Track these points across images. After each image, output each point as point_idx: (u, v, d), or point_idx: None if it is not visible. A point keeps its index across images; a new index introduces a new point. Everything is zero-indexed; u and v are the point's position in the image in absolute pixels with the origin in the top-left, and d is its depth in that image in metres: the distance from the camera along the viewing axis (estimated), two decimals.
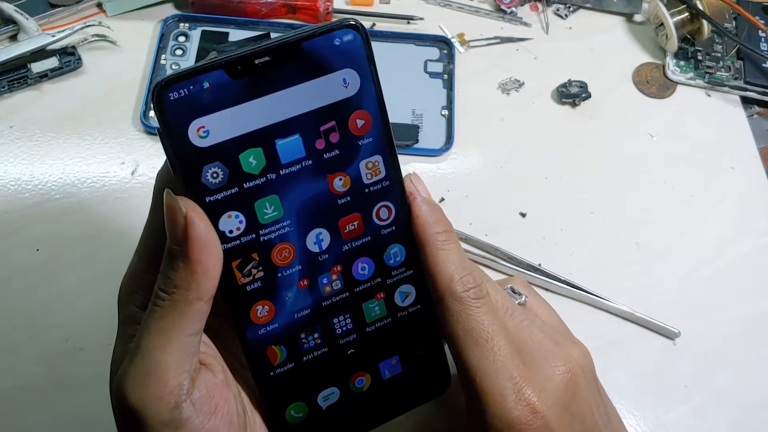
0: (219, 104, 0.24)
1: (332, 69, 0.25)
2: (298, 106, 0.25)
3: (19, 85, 0.54)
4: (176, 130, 0.23)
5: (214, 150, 0.24)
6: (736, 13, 0.61)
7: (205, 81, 0.23)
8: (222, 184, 0.24)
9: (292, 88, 0.24)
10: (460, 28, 0.61)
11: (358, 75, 0.25)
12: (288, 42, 0.24)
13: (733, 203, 0.54)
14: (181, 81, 0.23)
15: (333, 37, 0.24)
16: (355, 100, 0.25)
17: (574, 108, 0.58)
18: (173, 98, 0.23)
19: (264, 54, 0.24)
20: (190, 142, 0.24)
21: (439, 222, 0.27)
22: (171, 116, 0.23)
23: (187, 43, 0.57)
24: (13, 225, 0.49)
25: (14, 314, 0.46)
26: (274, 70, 0.24)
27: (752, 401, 0.47)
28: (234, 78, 0.24)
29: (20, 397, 0.43)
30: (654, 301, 0.49)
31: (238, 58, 0.24)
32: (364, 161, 0.26)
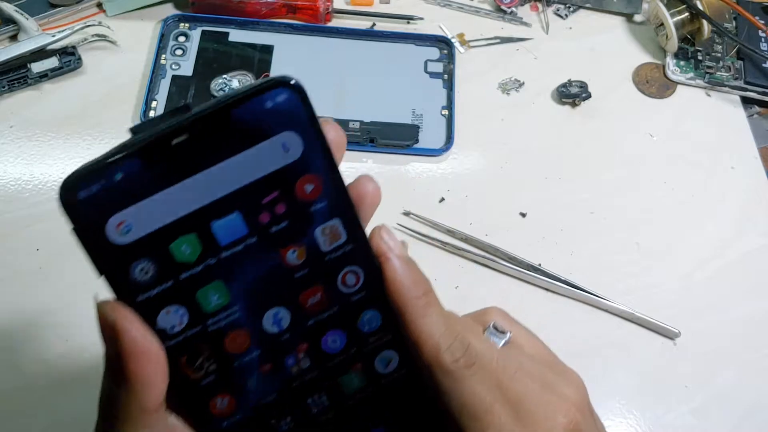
0: (138, 195, 0.21)
1: (268, 135, 0.22)
2: (233, 180, 0.22)
3: (19, 85, 0.54)
4: (92, 231, 0.21)
5: (140, 245, 0.21)
6: (736, 13, 0.60)
7: (118, 173, 0.21)
8: (154, 279, 0.22)
9: (222, 163, 0.22)
10: (460, 28, 0.61)
11: (300, 137, 0.22)
12: (207, 114, 0.21)
13: (733, 203, 0.54)
14: (90, 177, 0.21)
15: (263, 100, 0.22)
16: (299, 164, 0.22)
17: (574, 108, 0.58)
18: (83, 197, 0.21)
19: (181, 131, 0.21)
20: (110, 242, 0.21)
21: (417, 283, 0.24)
22: (84, 217, 0.21)
23: (187, 43, 0.57)
24: (13, 225, 0.49)
25: (14, 314, 0.46)
26: (197, 146, 0.21)
27: (752, 401, 0.47)
28: (150, 164, 0.21)
29: (20, 397, 0.43)
30: (654, 301, 0.49)
31: (149, 143, 0.21)
32: (320, 228, 0.23)
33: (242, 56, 0.57)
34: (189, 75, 0.55)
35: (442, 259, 0.50)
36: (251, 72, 0.55)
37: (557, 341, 0.48)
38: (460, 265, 0.50)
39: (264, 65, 0.56)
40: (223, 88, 0.54)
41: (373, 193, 0.25)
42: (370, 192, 0.25)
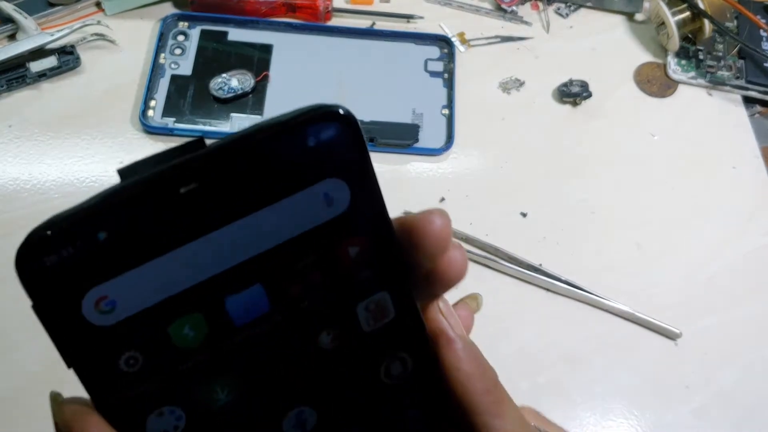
0: (128, 261, 0.15)
1: (306, 183, 0.16)
2: (255, 242, 0.16)
3: (18, 84, 0.54)
4: (62, 309, 0.15)
5: (127, 327, 0.16)
6: (738, 12, 0.60)
7: (101, 231, 0.15)
8: (144, 372, 0.16)
9: (242, 220, 0.16)
10: (461, 27, 0.61)
11: (347, 186, 0.17)
12: (228, 153, 0.16)
13: (734, 203, 0.54)
14: (61, 236, 0.15)
15: (303, 135, 0.16)
16: (344, 221, 0.17)
17: (575, 107, 0.58)
18: (51, 264, 0.15)
19: (191, 176, 0.15)
20: (87, 323, 0.16)
21: (486, 373, 0.19)
22: (50, 291, 0.15)
23: (187, 42, 0.57)
24: (12, 225, 0.49)
25: (13, 315, 0.46)
26: (211, 196, 0.16)
27: (754, 401, 0.47)
28: (147, 219, 0.15)
29: (19, 397, 0.43)
30: (655, 302, 0.49)
31: (147, 190, 0.15)
32: (363, 304, 0.18)
33: (241, 55, 0.56)
34: (188, 74, 0.55)
35: None
36: (250, 71, 0.55)
37: (558, 342, 0.48)
38: None
39: (263, 64, 0.56)
40: (223, 87, 0.54)
41: (439, 235, 0.18)
42: (436, 231, 0.18)
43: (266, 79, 0.55)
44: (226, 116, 0.54)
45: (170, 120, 0.53)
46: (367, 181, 0.17)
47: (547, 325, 0.48)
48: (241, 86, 0.54)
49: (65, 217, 0.15)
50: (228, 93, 0.54)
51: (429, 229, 0.18)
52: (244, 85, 0.54)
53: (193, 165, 0.15)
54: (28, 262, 0.15)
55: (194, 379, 0.17)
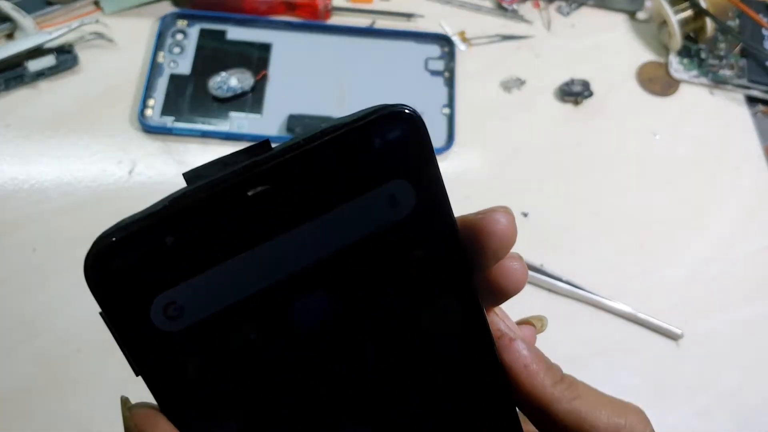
0: (195, 266, 0.15)
1: (372, 185, 0.16)
2: (320, 247, 0.16)
3: (16, 83, 0.53)
4: (130, 315, 0.16)
5: (193, 332, 0.16)
6: (740, 11, 0.60)
7: (169, 235, 0.15)
8: (208, 379, 0.16)
9: (309, 222, 0.16)
10: (461, 26, 0.60)
11: (413, 188, 0.17)
12: (296, 155, 0.16)
13: (737, 202, 0.54)
14: (130, 242, 0.15)
15: (372, 136, 0.16)
16: (409, 224, 0.17)
17: (577, 106, 0.57)
18: (121, 269, 0.15)
19: (258, 180, 0.15)
20: (155, 328, 0.16)
21: (551, 367, 0.20)
22: (119, 297, 0.15)
23: (186, 41, 0.56)
24: (10, 225, 0.49)
25: (11, 315, 0.46)
26: (278, 200, 0.16)
27: (756, 402, 0.46)
28: (216, 223, 0.15)
29: (18, 398, 0.43)
30: (657, 302, 0.49)
31: (216, 194, 0.15)
32: (428, 314, 0.18)
33: (240, 54, 0.56)
34: (187, 73, 0.55)
35: None
36: (250, 70, 0.55)
37: (560, 342, 0.48)
38: None
39: (262, 63, 0.56)
40: (222, 86, 0.54)
41: (503, 235, 0.18)
42: (500, 232, 0.18)
43: (265, 78, 0.55)
44: (225, 115, 0.53)
45: (169, 119, 0.53)
46: (433, 183, 0.17)
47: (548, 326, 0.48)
48: (240, 85, 0.54)
49: (132, 223, 0.15)
50: (227, 92, 0.54)
51: (494, 229, 0.18)
52: (243, 84, 0.54)
53: (261, 167, 0.15)
54: (96, 269, 0.15)
55: (257, 385, 0.17)
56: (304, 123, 0.53)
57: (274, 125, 0.53)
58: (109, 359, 0.26)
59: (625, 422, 0.19)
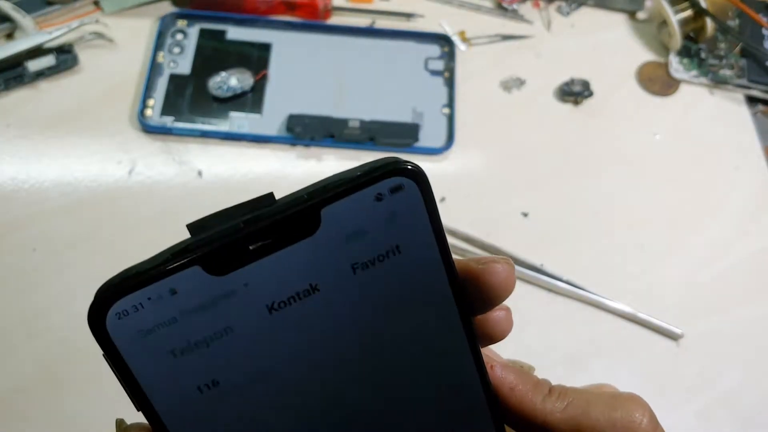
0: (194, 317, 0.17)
1: (374, 240, 0.17)
2: (326, 306, 0.17)
3: (16, 83, 0.53)
4: (126, 361, 0.17)
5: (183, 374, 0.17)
6: (740, 11, 0.60)
7: (177, 285, 0.16)
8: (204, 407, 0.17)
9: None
10: (461, 26, 0.60)
11: (416, 242, 0.17)
12: (299, 210, 0.16)
13: (737, 202, 0.54)
14: (132, 292, 0.16)
15: (374, 191, 0.16)
16: (408, 273, 0.18)
17: (577, 106, 0.57)
18: (118, 321, 0.16)
19: (262, 234, 0.16)
20: (152, 368, 0.17)
21: (539, 384, 0.20)
22: (119, 344, 0.17)
23: (185, 41, 0.56)
24: (10, 225, 0.49)
25: (11, 315, 0.46)
26: (278, 253, 0.16)
27: (756, 403, 0.46)
28: (215, 274, 0.16)
29: (17, 398, 0.43)
30: (657, 302, 0.49)
31: (219, 247, 0.16)
32: (428, 352, 0.19)
33: (240, 54, 0.56)
34: (187, 73, 0.55)
35: None
36: (249, 70, 0.55)
37: (560, 342, 0.48)
38: None
39: (262, 63, 0.56)
40: (221, 86, 0.54)
41: (500, 288, 0.19)
42: (496, 285, 0.19)
43: (265, 77, 0.55)
44: (225, 115, 0.53)
45: (169, 119, 0.53)
46: (440, 246, 0.17)
47: (548, 326, 0.48)
48: (240, 85, 0.54)
49: (135, 274, 0.16)
50: (227, 92, 0.54)
51: (492, 281, 0.19)
52: (243, 83, 0.54)
53: (263, 222, 0.16)
54: (97, 316, 0.16)
55: (252, 414, 0.17)
56: (303, 123, 0.53)
57: (274, 125, 0.53)
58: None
59: (621, 414, 0.20)
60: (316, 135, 0.52)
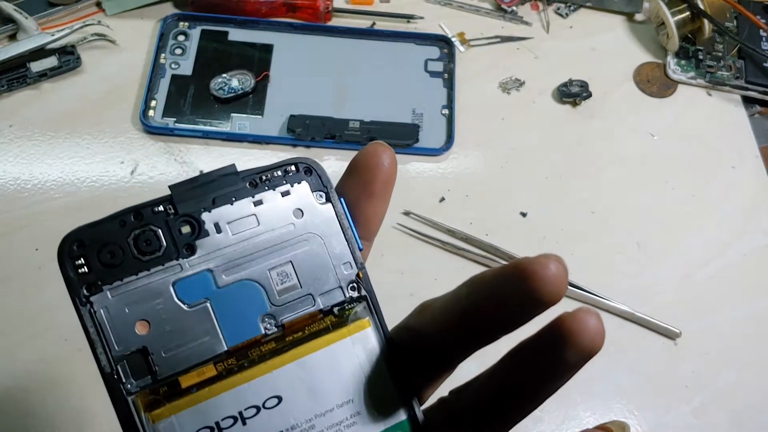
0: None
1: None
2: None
3: (19, 84, 0.54)
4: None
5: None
6: (737, 12, 0.60)
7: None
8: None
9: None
10: (461, 27, 0.61)
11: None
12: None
13: (734, 203, 0.54)
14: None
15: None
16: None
17: (575, 107, 0.58)
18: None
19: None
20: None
21: None
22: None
23: (187, 42, 0.57)
24: (13, 224, 0.49)
25: (13, 314, 0.46)
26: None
27: (753, 401, 0.47)
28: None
29: (20, 397, 0.43)
30: (655, 301, 0.49)
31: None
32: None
33: (242, 55, 0.56)
34: (188, 74, 0.55)
35: (442, 259, 0.50)
36: (251, 71, 0.55)
37: None
38: (461, 265, 0.50)
39: (264, 64, 0.56)
40: (223, 87, 0.54)
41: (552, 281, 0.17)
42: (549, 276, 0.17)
43: (266, 79, 0.56)
44: (226, 116, 0.54)
45: (171, 120, 0.53)
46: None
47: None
48: (241, 86, 0.54)
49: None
50: (228, 93, 0.54)
51: (542, 273, 0.17)
52: (244, 85, 0.54)
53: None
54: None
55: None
56: (304, 123, 0.53)
57: (275, 126, 0.54)
58: None
59: None
60: (317, 136, 0.53)
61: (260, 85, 0.55)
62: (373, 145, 0.21)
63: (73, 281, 0.20)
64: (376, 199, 0.21)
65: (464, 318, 0.18)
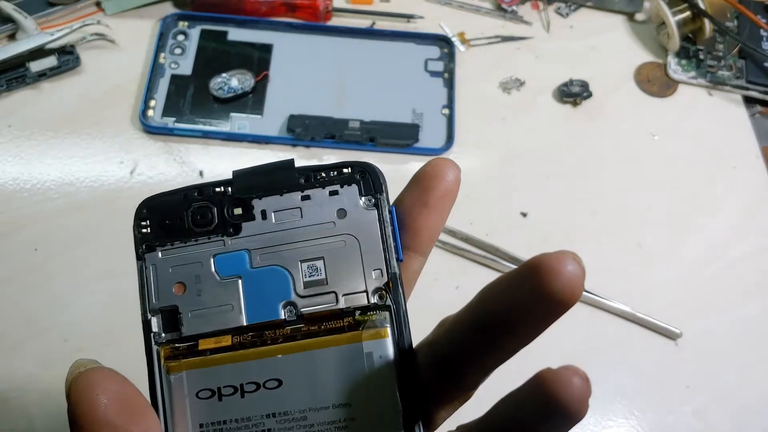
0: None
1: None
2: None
3: (18, 84, 0.54)
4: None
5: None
6: (738, 12, 0.60)
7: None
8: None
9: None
10: (461, 27, 0.61)
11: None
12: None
13: (735, 203, 0.54)
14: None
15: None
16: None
17: (576, 107, 0.58)
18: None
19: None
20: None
21: None
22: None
23: (186, 42, 0.56)
24: (12, 224, 0.49)
25: (13, 314, 0.46)
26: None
27: (754, 402, 0.47)
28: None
29: (19, 397, 0.43)
30: (656, 302, 0.49)
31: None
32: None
33: (241, 55, 0.56)
34: (188, 74, 0.55)
35: (442, 259, 0.50)
36: (250, 71, 0.55)
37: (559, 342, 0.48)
38: (461, 265, 0.50)
39: (263, 64, 0.56)
40: (222, 87, 0.54)
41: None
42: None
43: (266, 78, 0.55)
44: (226, 116, 0.54)
45: (170, 120, 0.53)
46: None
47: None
48: (241, 86, 0.54)
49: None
50: (228, 93, 0.54)
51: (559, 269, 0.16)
52: (244, 84, 0.54)
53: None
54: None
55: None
56: (304, 123, 0.53)
57: (275, 126, 0.54)
58: (110, 359, 0.26)
59: None
60: (317, 135, 0.53)
61: (260, 85, 0.55)
62: (438, 159, 0.21)
63: (136, 238, 0.22)
64: (431, 211, 0.21)
65: (476, 327, 0.17)
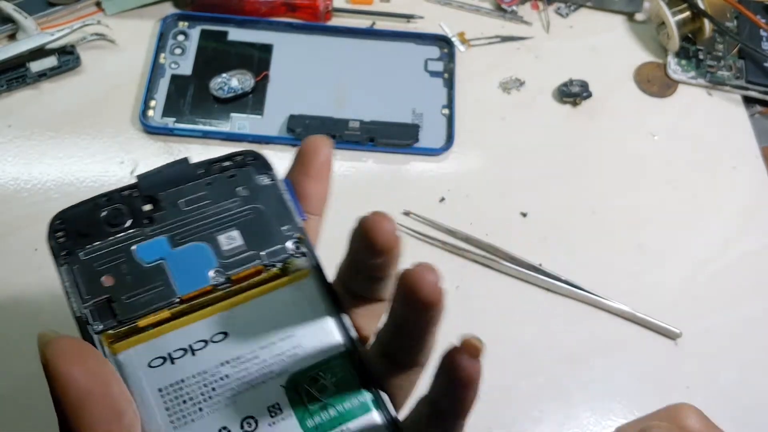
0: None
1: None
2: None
3: (18, 84, 0.54)
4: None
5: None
6: (738, 12, 0.60)
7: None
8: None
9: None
10: (461, 27, 0.61)
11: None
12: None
13: (735, 203, 0.54)
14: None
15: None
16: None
17: (575, 107, 0.58)
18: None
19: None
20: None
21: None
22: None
23: (187, 42, 0.57)
24: (12, 225, 0.49)
25: (13, 315, 0.46)
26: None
27: (754, 402, 0.47)
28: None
29: (19, 398, 0.43)
30: (655, 302, 0.49)
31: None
32: None
33: (241, 55, 0.56)
34: (188, 74, 0.55)
35: (442, 259, 0.50)
36: (250, 71, 0.55)
37: (559, 342, 0.48)
38: (461, 265, 0.50)
39: (263, 64, 0.56)
40: (223, 87, 0.54)
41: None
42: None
43: (266, 78, 0.55)
44: (226, 116, 0.54)
45: (170, 120, 0.53)
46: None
47: (546, 325, 0.48)
48: (241, 86, 0.54)
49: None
50: (228, 93, 0.54)
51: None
52: (244, 84, 0.54)
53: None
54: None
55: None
56: (304, 123, 0.53)
57: (275, 126, 0.54)
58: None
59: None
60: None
61: (260, 85, 0.55)
62: (313, 137, 0.26)
63: (54, 249, 0.24)
64: (314, 179, 0.25)
65: (351, 259, 0.24)
